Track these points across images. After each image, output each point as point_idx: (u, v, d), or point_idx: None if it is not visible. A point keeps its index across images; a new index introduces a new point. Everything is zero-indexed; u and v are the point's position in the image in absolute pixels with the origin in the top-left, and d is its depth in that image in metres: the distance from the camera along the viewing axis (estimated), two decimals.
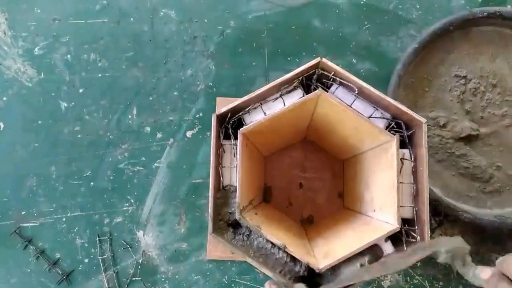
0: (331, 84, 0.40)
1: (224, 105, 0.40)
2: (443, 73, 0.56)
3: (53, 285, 0.56)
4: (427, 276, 0.56)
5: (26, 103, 0.58)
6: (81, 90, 0.57)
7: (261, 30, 0.58)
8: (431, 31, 0.55)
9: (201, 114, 0.57)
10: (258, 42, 0.58)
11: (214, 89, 0.57)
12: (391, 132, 0.40)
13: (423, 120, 0.39)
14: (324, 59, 0.38)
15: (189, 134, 0.57)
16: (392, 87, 0.54)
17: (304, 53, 0.57)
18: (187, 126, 0.57)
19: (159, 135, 0.57)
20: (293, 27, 0.58)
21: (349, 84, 0.39)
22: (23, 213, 0.57)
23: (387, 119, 0.40)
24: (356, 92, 0.40)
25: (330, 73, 0.40)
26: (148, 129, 0.57)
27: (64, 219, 0.57)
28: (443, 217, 0.57)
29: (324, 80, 0.41)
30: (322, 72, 0.40)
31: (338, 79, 0.40)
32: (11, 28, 0.58)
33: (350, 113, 0.38)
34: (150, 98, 0.57)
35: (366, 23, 0.58)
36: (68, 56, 0.58)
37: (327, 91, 0.40)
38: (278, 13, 0.58)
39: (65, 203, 0.57)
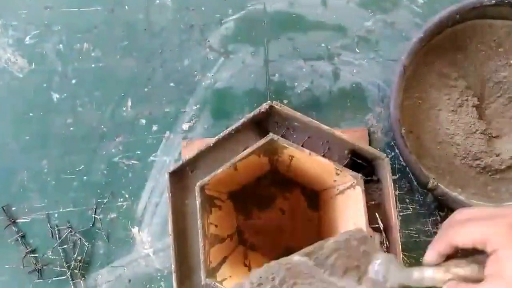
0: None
1: (189, 149, 0.41)
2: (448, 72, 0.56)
3: (44, 283, 0.55)
4: None
5: (16, 94, 0.58)
6: (73, 81, 0.58)
7: (261, 19, 0.57)
8: (436, 20, 0.54)
9: (198, 106, 0.57)
10: (258, 31, 0.57)
11: (212, 80, 0.57)
12: (355, 168, 0.40)
13: (383, 155, 0.39)
14: (274, 104, 0.39)
15: (185, 126, 0.57)
16: (396, 78, 0.54)
17: (305, 43, 0.57)
18: (184, 118, 0.57)
19: (154, 128, 0.57)
20: (294, 15, 0.58)
21: (301, 124, 0.40)
22: (13, 208, 0.57)
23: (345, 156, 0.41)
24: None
25: (283, 117, 0.41)
26: (144, 121, 0.57)
27: (56, 215, 0.56)
28: (448, 211, 0.56)
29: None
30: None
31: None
32: (0, 16, 0.58)
33: (305, 153, 0.39)
34: (145, 89, 0.57)
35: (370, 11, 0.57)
36: (60, 45, 0.58)
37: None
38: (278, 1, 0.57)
39: (57, 198, 0.57)
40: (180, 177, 0.41)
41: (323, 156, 0.40)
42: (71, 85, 0.58)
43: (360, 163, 0.43)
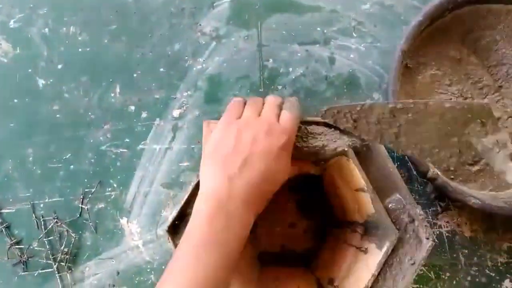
0: None
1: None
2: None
3: (30, 276, 0.54)
4: (433, 267, 0.55)
5: (0, 80, 0.57)
6: (60, 66, 0.56)
7: (254, 2, 0.56)
8: (436, 2, 0.53)
9: (189, 92, 0.56)
10: (251, 15, 0.56)
11: (204, 65, 0.55)
12: None
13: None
14: None
15: (176, 113, 0.55)
16: (394, 63, 0.52)
17: (300, 27, 0.55)
18: (175, 104, 0.55)
19: (144, 115, 0.55)
20: None
21: None
22: None
23: None
24: None
25: None
26: (133, 108, 0.55)
27: (42, 205, 0.55)
28: (449, 202, 0.55)
29: None
30: None
31: None
32: None
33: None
34: (135, 75, 0.56)
35: None
36: (46, 29, 0.57)
37: None
38: None
39: (43, 188, 0.55)
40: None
41: None
42: (57, 71, 0.57)
43: None
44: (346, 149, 0.41)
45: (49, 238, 0.56)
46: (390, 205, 0.41)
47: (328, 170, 0.49)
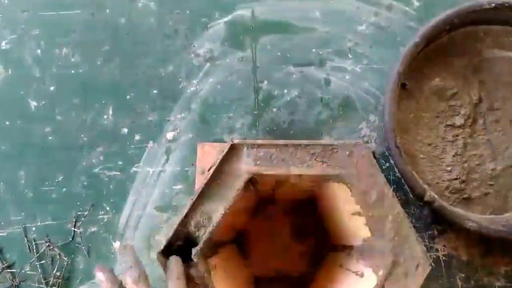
0: None
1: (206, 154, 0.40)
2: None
3: None
4: None
5: None
6: (52, 88, 0.56)
7: (249, 23, 0.55)
8: (433, 24, 0.53)
9: (183, 114, 0.55)
10: (246, 36, 0.55)
11: (198, 87, 0.55)
12: None
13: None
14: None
15: (170, 136, 0.55)
16: (391, 85, 0.52)
17: (295, 48, 0.55)
18: (168, 127, 0.55)
19: (137, 137, 0.55)
20: (283, 19, 0.56)
21: None
22: None
23: None
24: None
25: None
26: (126, 130, 0.55)
27: (33, 228, 0.55)
28: (446, 225, 0.55)
29: None
30: None
31: None
32: None
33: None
34: (128, 97, 0.56)
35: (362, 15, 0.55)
36: (38, 50, 0.56)
37: None
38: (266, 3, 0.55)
39: (35, 211, 0.55)
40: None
41: None
42: (49, 92, 0.57)
43: None
44: (337, 173, 0.41)
45: (41, 262, 0.55)
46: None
47: (321, 194, 0.48)
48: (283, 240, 0.54)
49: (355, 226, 0.44)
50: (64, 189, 0.56)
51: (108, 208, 0.56)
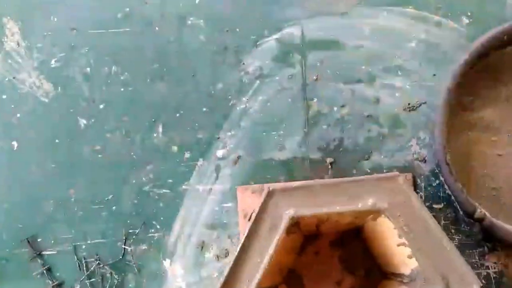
0: None
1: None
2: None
3: None
4: None
5: (41, 120, 0.58)
6: (101, 106, 0.56)
7: (298, 40, 0.56)
8: (483, 41, 0.53)
9: (233, 132, 0.55)
10: (295, 53, 0.56)
11: (247, 104, 0.55)
12: None
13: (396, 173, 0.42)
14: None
15: (219, 153, 0.55)
16: (441, 102, 0.52)
17: (344, 65, 0.55)
18: (218, 145, 0.55)
19: (187, 155, 0.55)
20: (332, 36, 0.56)
21: None
22: (39, 240, 0.55)
23: None
24: None
25: None
26: (175, 148, 0.55)
27: (83, 247, 0.55)
28: (496, 242, 0.55)
29: None
30: None
31: None
32: (25, 38, 0.57)
33: None
34: (177, 115, 0.56)
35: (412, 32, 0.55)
36: (88, 69, 0.56)
37: None
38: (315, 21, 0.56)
39: (85, 229, 0.55)
40: None
41: None
42: (98, 110, 0.57)
43: None
44: (376, 207, 0.41)
45: (91, 280, 0.56)
46: None
47: (366, 226, 0.48)
48: (334, 274, 0.54)
49: (403, 255, 0.44)
50: (114, 207, 0.56)
51: (158, 226, 0.56)
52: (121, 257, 0.56)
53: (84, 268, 0.56)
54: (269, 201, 0.41)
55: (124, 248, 0.56)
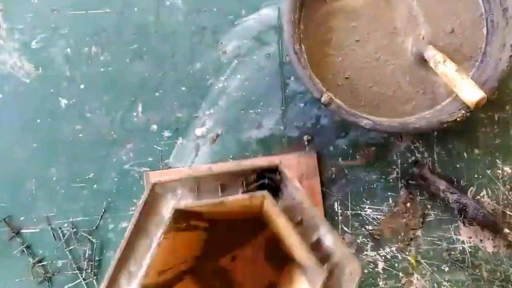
0: None
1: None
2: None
3: None
4: (456, 282, 0.56)
5: (23, 100, 0.59)
6: (82, 86, 0.57)
7: (275, 20, 0.57)
8: None
9: (211, 111, 0.56)
10: (272, 32, 0.57)
11: (225, 83, 0.56)
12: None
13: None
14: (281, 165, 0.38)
15: (198, 132, 0.56)
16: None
17: None
18: (197, 123, 0.56)
19: (166, 134, 0.57)
20: None
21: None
22: (21, 218, 0.56)
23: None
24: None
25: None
26: (155, 127, 0.57)
27: (65, 224, 0.56)
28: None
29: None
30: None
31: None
32: (6, 20, 0.58)
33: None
34: (157, 94, 0.57)
35: None
36: (68, 49, 0.58)
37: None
38: None
39: (66, 207, 0.56)
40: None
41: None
42: (79, 90, 0.58)
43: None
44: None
45: (70, 248, 0.57)
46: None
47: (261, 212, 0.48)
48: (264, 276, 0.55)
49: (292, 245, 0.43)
50: (95, 185, 0.57)
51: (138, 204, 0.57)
52: (95, 227, 0.57)
53: (61, 235, 0.57)
54: (153, 195, 0.39)
55: (101, 218, 0.57)
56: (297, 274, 0.45)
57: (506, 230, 0.54)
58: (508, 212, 0.57)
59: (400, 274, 0.57)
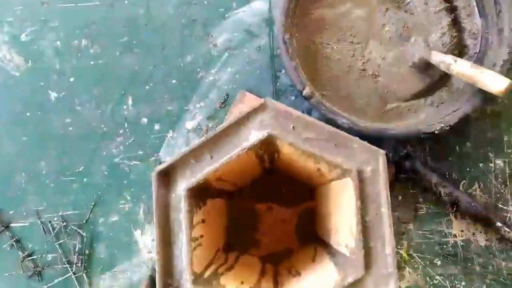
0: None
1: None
2: None
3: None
4: (448, 276, 0.56)
5: (12, 93, 0.59)
6: (72, 79, 0.57)
7: (266, 13, 0.57)
8: None
9: (202, 104, 0.56)
10: (263, 25, 0.57)
11: (216, 76, 0.56)
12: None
13: (380, 151, 0.38)
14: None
15: (189, 125, 0.56)
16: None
17: None
18: (187, 116, 0.56)
19: (157, 127, 0.57)
20: None
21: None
22: (11, 212, 0.56)
23: None
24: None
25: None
26: (145, 120, 0.57)
27: (55, 218, 0.56)
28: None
29: None
30: None
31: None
32: None
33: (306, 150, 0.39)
34: (147, 87, 0.57)
35: None
36: (58, 42, 0.58)
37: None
38: None
39: (56, 201, 0.56)
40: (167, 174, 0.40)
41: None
42: (69, 83, 0.58)
43: None
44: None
45: (60, 241, 0.57)
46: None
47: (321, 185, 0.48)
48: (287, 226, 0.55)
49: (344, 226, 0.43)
50: (85, 179, 0.57)
51: (128, 198, 0.57)
52: (85, 221, 0.57)
53: (51, 229, 0.57)
54: (162, 184, 0.39)
55: (91, 211, 0.57)
56: (323, 257, 0.45)
57: (499, 224, 0.54)
58: (500, 205, 0.57)
59: None
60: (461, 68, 0.49)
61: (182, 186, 0.39)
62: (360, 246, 0.37)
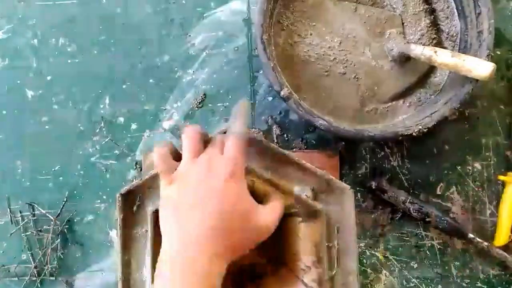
0: None
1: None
2: None
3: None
4: (424, 279, 0.56)
5: None
6: (49, 78, 0.58)
7: (244, 12, 0.57)
8: None
9: (179, 104, 0.57)
10: (241, 25, 0.57)
11: (194, 76, 0.57)
12: None
13: (347, 187, 0.41)
14: None
15: (166, 125, 0.57)
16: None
17: None
18: (164, 116, 0.57)
19: (133, 126, 0.57)
20: None
21: None
22: None
23: None
24: None
25: None
26: (122, 119, 0.57)
27: (29, 216, 0.56)
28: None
29: None
30: None
31: None
32: None
33: None
34: (124, 86, 0.58)
35: None
36: (35, 40, 0.59)
37: None
38: None
39: (32, 200, 0.57)
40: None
41: None
42: (46, 82, 0.59)
43: None
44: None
45: (26, 233, 0.57)
46: None
47: None
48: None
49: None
50: (61, 178, 0.58)
51: (104, 197, 0.58)
52: (56, 216, 0.57)
53: (20, 218, 0.57)
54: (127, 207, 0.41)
55: (61, 210, 0.57)
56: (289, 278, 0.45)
57: (471, 235, 0.55)
58: (477, 209, 0.57)
59: (369, 270, 0.57)
60: (443, 58, 0.50)
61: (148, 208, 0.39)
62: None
